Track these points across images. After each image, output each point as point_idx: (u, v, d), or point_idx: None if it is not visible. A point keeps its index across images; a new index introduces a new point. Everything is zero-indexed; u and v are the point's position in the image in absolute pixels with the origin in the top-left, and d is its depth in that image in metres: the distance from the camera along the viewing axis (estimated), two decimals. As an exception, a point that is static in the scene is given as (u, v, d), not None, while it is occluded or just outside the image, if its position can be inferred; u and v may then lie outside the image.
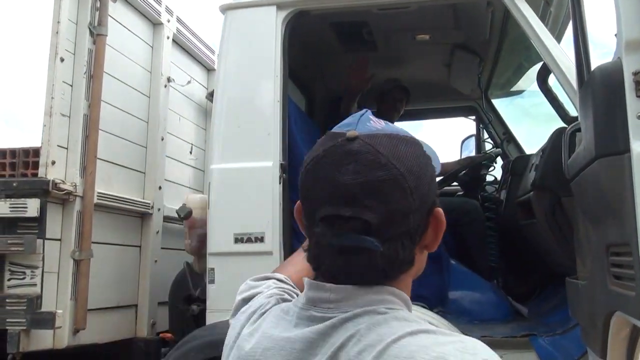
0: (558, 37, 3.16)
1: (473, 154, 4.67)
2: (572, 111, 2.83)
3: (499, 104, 4.80)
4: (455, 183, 4.35)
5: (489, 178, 4.37)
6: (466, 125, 5.38)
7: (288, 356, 0.96)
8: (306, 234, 1.04)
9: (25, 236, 2.87)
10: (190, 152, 4.49)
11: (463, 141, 4.97)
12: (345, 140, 0.97)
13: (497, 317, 3.17)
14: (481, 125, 4.85)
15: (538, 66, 3.53)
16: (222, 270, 2.79)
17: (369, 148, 0.95)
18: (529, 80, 4.34)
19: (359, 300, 0.95)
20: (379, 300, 0.96)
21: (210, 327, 2.72)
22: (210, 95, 4.54)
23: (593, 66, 1.99)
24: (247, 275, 2.97)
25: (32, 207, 2.88)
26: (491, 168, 4.32)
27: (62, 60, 3.09)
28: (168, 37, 4.10)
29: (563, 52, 2.70)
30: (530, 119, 5.18)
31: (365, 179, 0.93)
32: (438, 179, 1.60)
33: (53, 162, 3.01)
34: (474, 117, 4.98)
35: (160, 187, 3.93)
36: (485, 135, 4.73)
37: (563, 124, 2.98)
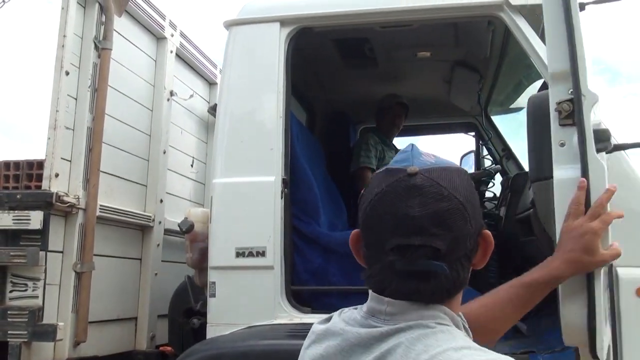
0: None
1: (472, 170, 4.69)
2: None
3: (499, 120, 4.84)
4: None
5: (488, 194, 4.39)
6: (466, 141, 5.42)
7: (342, 342, 1.09)
8: (366, 261, 1.13)
9: (28, 248, 2.87)
10: (192, 166, 4.51)
11: (462, 157, 5.01)
12: (407, 176, 1.06)
13: (496, 334, 3.17)
14: (481, 142, 4.88)
15: (537, 84, 3.56)
16: (223, 284, 2.80)
17: (431, 182, 1.05)
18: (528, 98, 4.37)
19: (412, 314, 1.05)
20: (430, 315, 1.05)
21: (211, 341, 2.72)
22: (212, 109, 4.57)
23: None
24: (248, 289, 2.99)
25: (35, 219, 2.89)
26: (490, 184, 4.35)
27: (67, 73, 3.12)
28: (171, 51, 4.13)
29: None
30: (530, 136, 5.20)
31: (432, 210, 1.03)
32: None
33: (57, 175, 3.02)
34: (473, 134, 5.02)
35: (161, 200, 3.94)
36: (485, 152, 4.76)
37: (562, 142, 3.00)
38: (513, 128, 4.91)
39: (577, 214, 1.60)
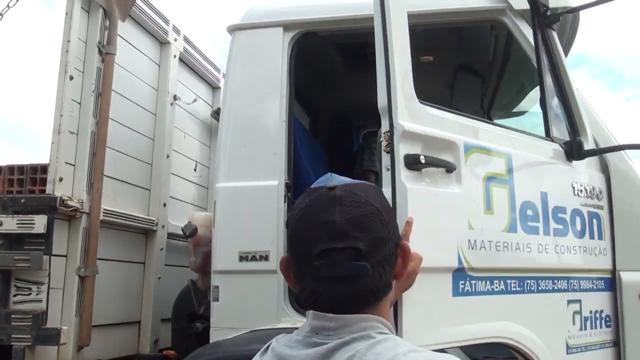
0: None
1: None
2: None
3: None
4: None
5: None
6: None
7: None
8: (296, 279, 1.24)
9: (31, 252, 2.88)
10: (195, 170, 4.52)
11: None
12: (327, 190, 1.20)
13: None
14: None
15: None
16: (226, 288, 2.80)
17: (349, 192, 1.19)
18: (531, 101, 4.37)
19: (354, 327, 1.15)
20: (371, 326, 1.16)
21: (214, 345, 2.72)
22: (216, 113, 4.58)
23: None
24: (252, 293, 3.01)
25: (39, 223, 2.89)
26: None
27: (71, 78, 3.13)
28: (175, 56, 4.15)
29: (565, 76, 2.77)
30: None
31: (352, 216, 1.16)
32: None
33: (61, 179, 3.03)
34: (476, 137, 5.00)
35: (165, 204, 3.95)
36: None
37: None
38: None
39: None
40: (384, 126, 2.07)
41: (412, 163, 2.05)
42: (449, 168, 2.18)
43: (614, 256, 2.64)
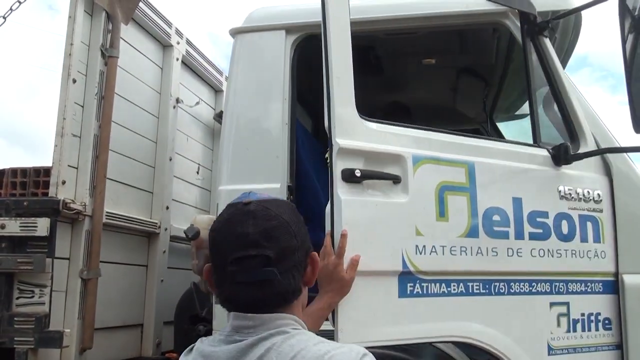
0: (563, 63, 3.19)
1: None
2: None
3: (504, 127, 4.84)
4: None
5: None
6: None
7: None
8: (216, 285, 1.41)
9: (34, 255, 2.87)
10: (198, 173, 4.52)
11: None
12: (243, 205, 1.39)
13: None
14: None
15: (542, 90, 3.55)
16: (228, 291, 2.80)
17: (262, 207, 1.38)
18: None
19: (271, 324, 1.32)
20: (286, 324, 1.33)
21: (217, 348, 2.72)
22: (218, 116, 4.59)
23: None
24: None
25: (42, 226, 2.89)
26: None
27: (74, 81, 3.13)
28: (177, 59, 4.16)
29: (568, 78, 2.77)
30: (535, 143, 5.18)
31: (263, 228, 1.34)
32: None
33: (63, 182, 3.03)
34: (478, 140, 4.99)
35: (167, 207, 3.96)
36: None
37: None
38: (518, 135, 4.90)
39: (328, 254, 2.03)
40: (329, 143, 2.24)
41: (349, 176, 2.20)
42: (390, 179, 2.26)
43: (617, 259, 2.64)
